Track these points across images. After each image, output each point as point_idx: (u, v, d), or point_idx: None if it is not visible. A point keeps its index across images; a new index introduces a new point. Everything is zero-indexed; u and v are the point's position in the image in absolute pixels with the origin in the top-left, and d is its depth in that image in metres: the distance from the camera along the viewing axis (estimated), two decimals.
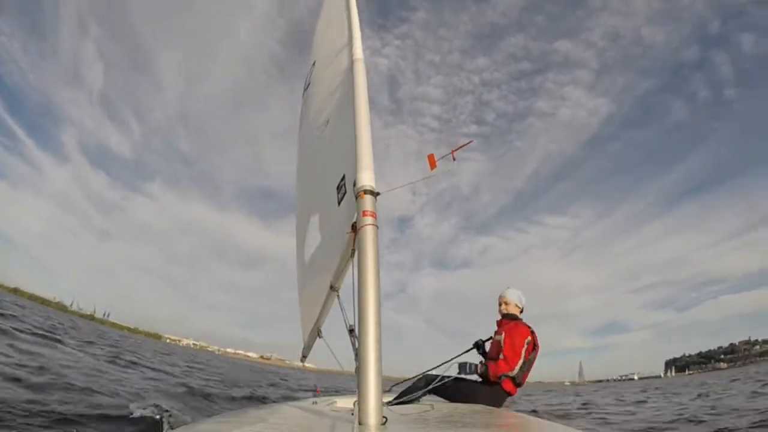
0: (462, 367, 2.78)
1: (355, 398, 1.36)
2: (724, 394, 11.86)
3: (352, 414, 1.33)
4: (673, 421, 6.46)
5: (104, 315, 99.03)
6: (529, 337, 2.74)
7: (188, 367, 13.58)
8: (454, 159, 2.00)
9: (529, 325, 2.89)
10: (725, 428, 4.97)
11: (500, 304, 3.04)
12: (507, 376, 2.66)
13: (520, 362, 2.65)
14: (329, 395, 3.68)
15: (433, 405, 2.18)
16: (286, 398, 7.29)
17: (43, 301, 70.66)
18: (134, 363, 9.92)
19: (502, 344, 2.77)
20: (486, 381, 2.73)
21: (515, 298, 3.01)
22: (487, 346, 3.08)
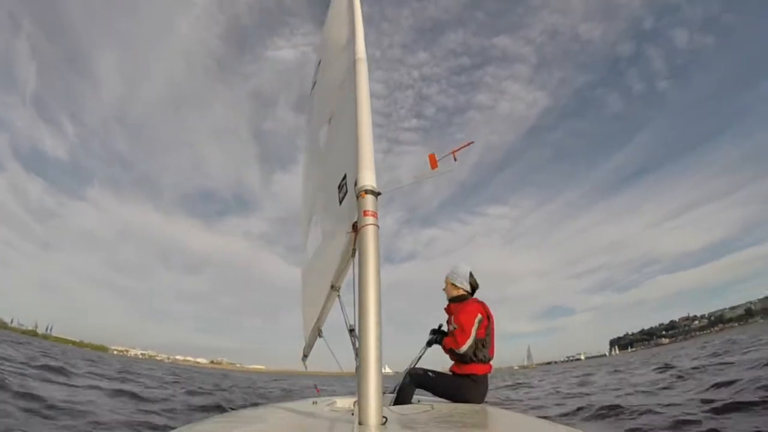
0: (429, 343, 2.89)
1: (355, 398, 1.36)
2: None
3: (352, 414, 1.33)
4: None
5: (47, 329, 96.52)
6: (479, 315, 2.66)
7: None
8: (455, 159, 2.00)
9: (480, 300, 2.82)
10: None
11: (444, 288, 2.99)
12: (453, 352, 2.63)
13: (470, 340, 2.58)
14: (329, 395, 3.67)
15: (433, 405, 2.17)
16: (286, 398, 7.29)
17: None
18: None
19: (453, 327, 2.74)
20: (455, 374, 2.72)
21: (452, 278, 2.94)
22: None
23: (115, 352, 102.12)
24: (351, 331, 1.72)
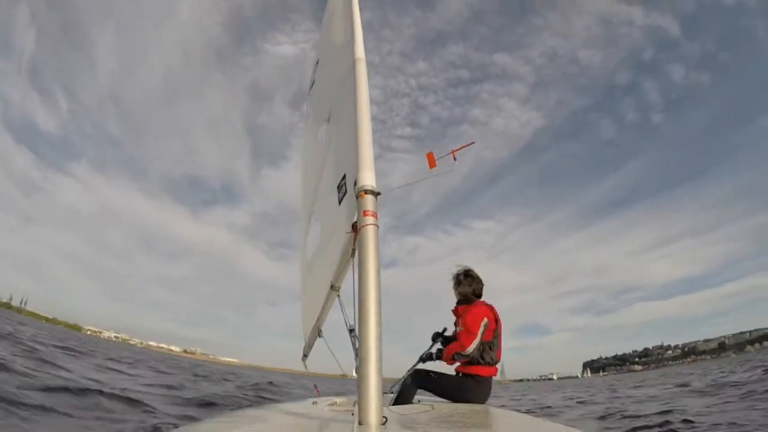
0: (420, 359, 2.79)
1: (355, 398, 1.36)
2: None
3: (352, 414, 1.33)
4: None
5: (21, 303, 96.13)
6: (486, 318, 2.64)
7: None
8: (454, 159, 1.97)
9: (488, 303, 2.80)
10: None
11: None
12: (461, 355, 2.59)
13: (476, 341, 2.56)
14: (329, 395, 3.67)
15: (433, 405, 2.17)
16: (286, 398, 7.29)
17: None
18: None
19: (459, 328, 2.73)
20: (460, 374, 2.70)
21: (454, 283, 2.92)
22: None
23: (88, 332, 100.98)
24: (351, 331, 1.72)
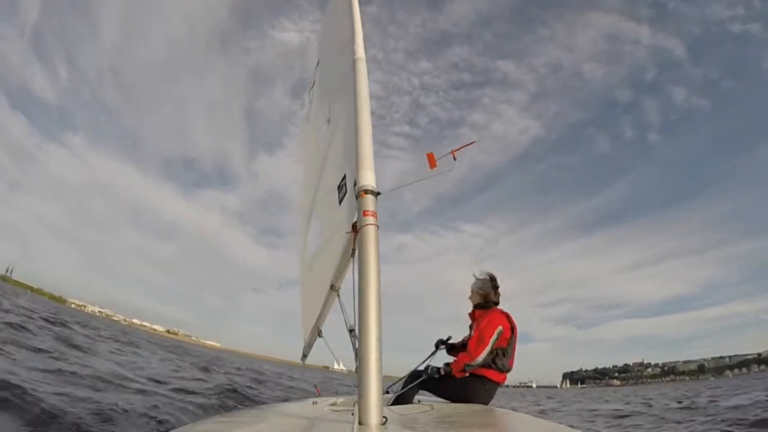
0: (425, 372, 2.63)
1: (355, 398, 1.36)
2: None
3: (352, 414, 1.33)
4: None
5: (7, 271, 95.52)
6: (500, 327, 2.60)
7: None
8: (454, 159, 1.97)
9: (505, 311, 2.76)
10: None
11: (470, 293, 2.92)
12: (470, 365, 2.53)
13: (486, 350, 2.52)
14: (329, 395, 3.67)
15: (432, 405, 2.17)
16: (286, 398, 7.29)
17: None
18: None
19: (471, 335, 2.70)
20: (470, 374, 2.62)
21: (476, 286, 2.88)
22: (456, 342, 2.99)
23: (72, 306, 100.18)
24: (351, 331, 1.72)
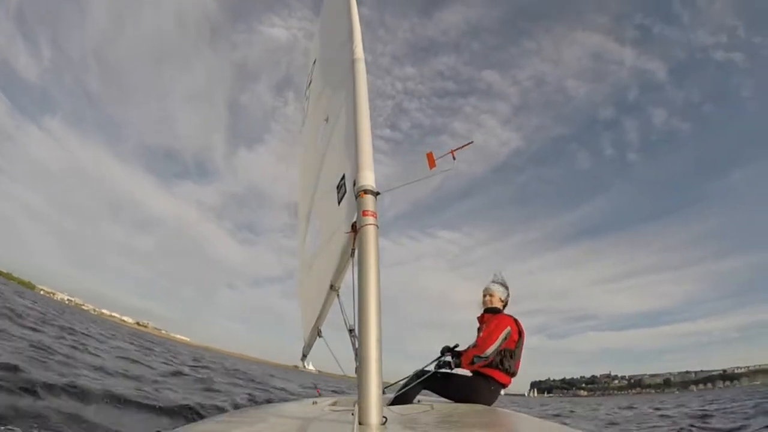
0: (437, 365, 2.73)
1: (355, 398, 1.36)
2: None
3: (352, 414, 1.33)
4: None
5: None
6: (509, 328, 2.64)
7: None
8: (454, 158, 1.98)
9: (514, 316, 2.80)
10: None
11: (485, 296, 2.95)
12: (480, 357, 2.56)
13: (494, 345, 2.55)
14: (329, 395, 3.68)
15: (432, 405, 2.17)
16: (286, 398, 7.29)
17: None
18: None
19: (480, 334, 2.72)
20: (476, 373, 2.67)
21: (500, 292, 2.93)
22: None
23: (41, 292, 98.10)
24: (351, 331, 1.72)
